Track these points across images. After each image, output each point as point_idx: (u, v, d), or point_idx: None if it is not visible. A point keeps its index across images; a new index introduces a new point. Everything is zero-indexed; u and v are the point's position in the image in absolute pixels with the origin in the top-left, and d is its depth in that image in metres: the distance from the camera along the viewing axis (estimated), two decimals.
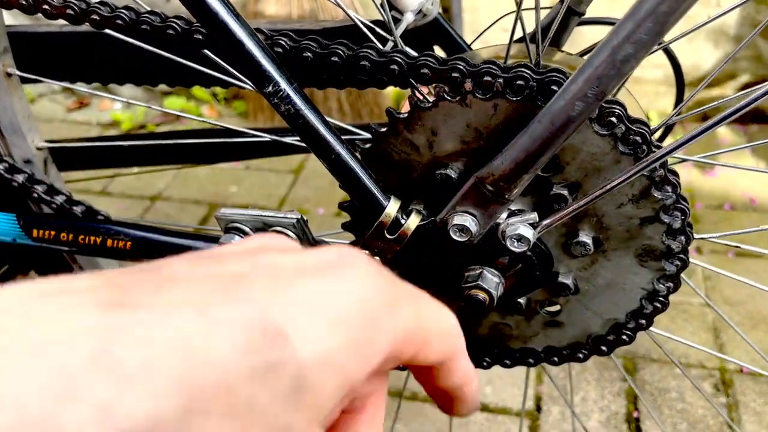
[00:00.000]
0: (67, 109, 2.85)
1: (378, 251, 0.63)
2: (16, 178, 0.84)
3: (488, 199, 0.57)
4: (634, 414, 1.51)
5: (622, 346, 0.71)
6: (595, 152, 0.58)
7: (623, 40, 0.43)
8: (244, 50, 0.57)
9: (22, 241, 0.86)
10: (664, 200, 0.59)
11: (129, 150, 0.99)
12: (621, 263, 0.64)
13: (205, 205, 2.25)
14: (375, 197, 0.61)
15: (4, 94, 0.86)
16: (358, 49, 0.62)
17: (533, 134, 0.51)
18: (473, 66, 0.58)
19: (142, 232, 0.78)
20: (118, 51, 0.90)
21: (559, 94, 0.49)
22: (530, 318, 0.72)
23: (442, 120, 0.60)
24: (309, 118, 0.58)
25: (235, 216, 0.67)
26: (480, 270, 0.62)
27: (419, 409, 1.56)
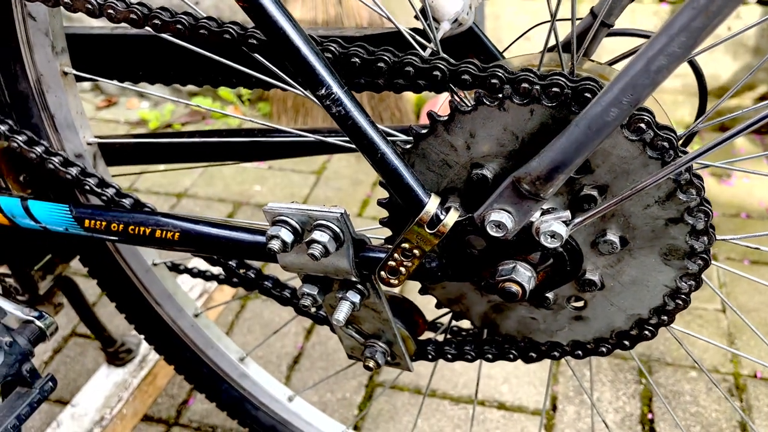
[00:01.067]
0: (96, 107, 2.92)
1: (416, 245, 0.67)
2: (70, 170, 0.89)
3: (524, 198, 0.61)
4: (649, 415, 1.54)
5: (644, 341, 0.75)
6: (624, 156, 0.62)
7: (658, 52, 0.47)
8: (301, 55, 0.62)
9: (73, 231, 0.91)
10: (688, 202, 0.63)
11: (172, 147, 1.04)
12: (646, 261, 0.68)
13: (230, 203, 2.30)
14: (417, 194, 0.65)
15: (60, 92, 0.91)
16: (403, 56, 0.66)
17: (570, 137, 0.55)
18: (512, 73, 0.62)
19: (190, 224, 0.82)
20: (166, 53, 0.95)
21: (596, 100, 0.53)
22: (557, 312, 0.76)
23: (481, 123, 0.64)
24: (358, 120, 0.63)
25: (282, 210, 0.71)
26: (514, 264, 0.66)
27: (437, 405, 1.60)
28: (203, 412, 1.61)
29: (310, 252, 0.69)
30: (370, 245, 0.74)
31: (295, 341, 1.78)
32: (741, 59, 2.35)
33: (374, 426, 1.56)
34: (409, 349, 0.86)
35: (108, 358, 1.59)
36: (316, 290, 0.77)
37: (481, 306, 0.79)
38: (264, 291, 0.94)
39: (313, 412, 1.20)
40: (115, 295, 1.13)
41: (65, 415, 1.51)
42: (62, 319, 1.87)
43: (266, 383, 1.19)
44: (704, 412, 1.54)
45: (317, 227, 0.70)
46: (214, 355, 1.16)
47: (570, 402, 1.59)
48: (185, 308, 1.12)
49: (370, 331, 0.84)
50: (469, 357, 0.85)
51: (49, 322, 0.97)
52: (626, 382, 1.62)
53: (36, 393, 0.94)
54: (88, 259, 1.09)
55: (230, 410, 1.21)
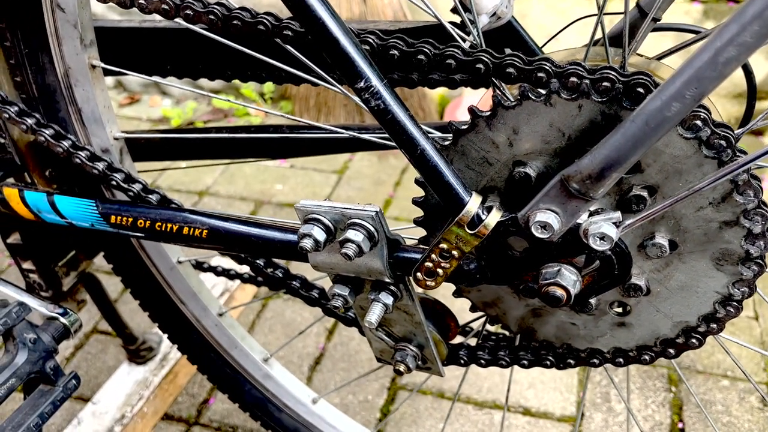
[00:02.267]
0: (118, 104, 2.92)
1: (455, 245, 0.65)
2: (97, 165, 0.88)
3: (572, 197, 0.58)
4: (679, 425, 1.50)
5: (690, 350, 0.71)
6: (678, 155, 0.59)
7: (727, 42, 0.44)
8: (339, 47, 0.59)
9: (99, 227, 0.89)
10: (745, 204, 0.59)
11: (199, 142, 1.02)
12: (696, 266, 0.65)
13: (251, 202, 2.29)
14: (457, 193, 0.62)
15: (88, 85, 0.89)
16: (444, 48, 0.63)
17: (626, 133, 0.52)
18: (559, 67, 0.59)
19: (218, 221, 0.80)
20: (195, 46, 0.93)
21: (655, 95, 0.50)
22: (598, 318, 0.72)
23: (525, 119, 0.62)
24: (398, 114, 0.60)
25: (314, 208, 0.69)
26: (558, 267, 0.63)
27: (461, 409, 1.57)
28: (224, 412, 1.59)
29: (344, 251, 0.66)
30: (404, 245, 0.71)
31: (316, 342, 1.76)
32: None
33: (396, 430, 1.54)
34: (441, 353, 0.84)
35: (129, 355, 1.58)
36: (347, 291, 0.74)
37: (518, 310, 0.76)
38: (292, 291, 0.91)
39: (337, 415, 1.18)
40: (139, 293, 1.11)
41: (86, 413, 1.50)
42: (84, 316, 1.87)
43: (290, 385, 1.16)
44: (737, 422, 1.50)
45: (351, 226, 0.67)
46: (237, 355, 1.14)
47: (597, 409, 1.55)
48: (210, 307, 1.10)
49: (400, 334, 0.82)
50: (504, 363, 0.82)
51: (73, 320, 0.96)
52: (655, 390, 1.58)
53: (59, 391, 0.93)
54: (112, 255, 1.07)
55: (253, 411, 1.19)
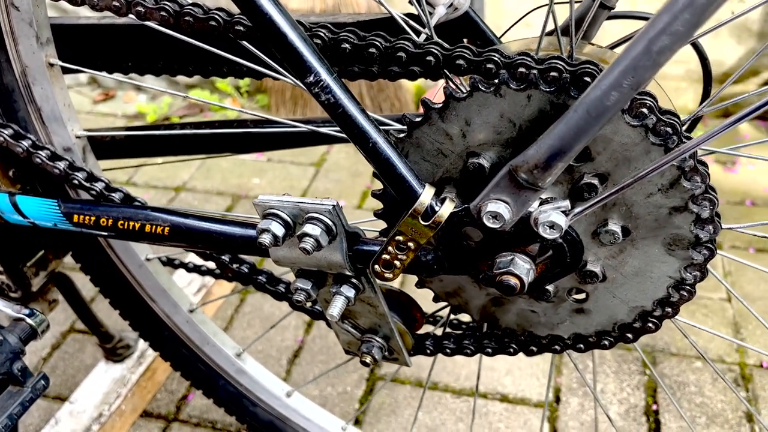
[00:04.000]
0: (93, 101, 2.90)
1: (411, 237, 0.65)
2: (58, 165, 0.87)
3: (522, 187, 0.58)
4: (653, 407, 1.52)
5: (647, 334, 0.72)
6: (626, 143, 0.59)
7: (660, 31, 0.45)
8: (287, 41, 0.59)
9: (62, 227, 0.89)
10: (693, 190, 0.60)
11: (164, 139, 1.02)
12: (649, 252, 0.66)
13: (228, 197, 2.28)
14: (410, 185, 0.63)
15: (47, 84, 0.88)
16: (395, 41, 0.64)
17: (569, 123, 0.53)
18: (508, 57, 0.60)
19: (180, 217, 0.80)
20: (154, 43, 0.92)
21: (595, 84, 0.50)
22: (558, 305, 0.73)
23: (476, 110, 0.62)
24: (348, 108, 0.61)
25: (272, 202, 0.69)
26: (512, 256, 0.64)
27: (439, 398, 1.58)
28: (203, 408, 1.60)
29: (302, 246, 0.66)
30: (364, 238, 0.72)
31: (295, 335, 1.77)
32: (745, 44, 2.32)
33: (375, 420, 1.55)
34: (407, 343, 0.84)
35: (106, 354, 1.57)
36: (309, 285, 0.75)
37: (479, 299, 0.77)
38: (258, 286, 0.92)
39: (311, 407, 1.19)
40: (109, 292, 1.11)
41: (63, 412, 1.49)
42: (60, 315, 1.86)
43: (264, 379, 1.17)
44: (710, 403, 1.52)
45: (309, 220, 0.68)
46: (210, 351, 1.14)
47: (573, 394, 1.57)
48: (180, 304, 1.10)
49: (366, 325, 0.82)
50: (468, 351, 0.83)
51: (40, 320, 0.95)
52: (630, 373, 1.60)
53: (28, 392, 0.92)
54: (80, 255, 1.07)
55: (228, 406, 1.19)
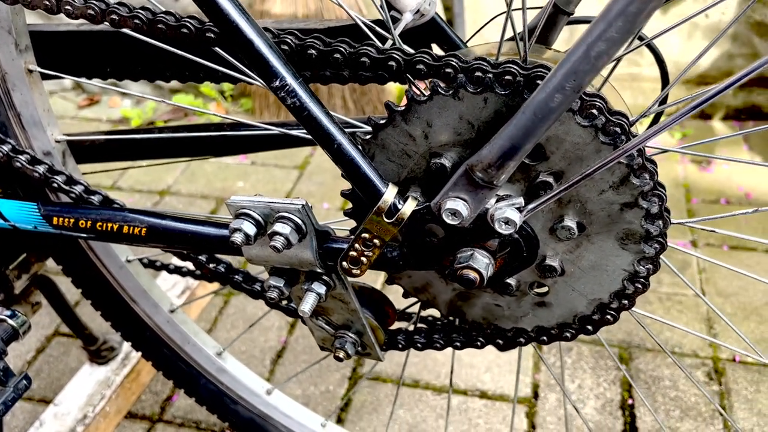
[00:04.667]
0: (77, 106, 2.91)
1: (376, 234, 0.68)
2: (37, 169, 0.89)
3: (478, 186, 0.61)
4: (629, 401, 1.56)
5: (606, 326, 0.76)
6: (577, 142, 0.62)
7: (597, 38, 0.48)
8: (253, 48, 0.62)
9: (42, 229, 0.91)
10: (642, 187, 0.64)
11: (143, 143, 1.04)
12: (603, 246, 0.69)
13: (212, 200, 2.30)
14: (374, 184, 0.66)
15: (26, 89, 0.91)
16: (359, 47, 0.67)
17: (518, 124, 0.56)
18: (465, 62, 0.63)
19: (156, 219, 0.82)
20: (132, 49, 0.95)
21: (541, 87, 0.53)
22: (520, 299, 0.76)
23: (437, 113, 0.65)
24: (313, 111, 0.63)
25: (244, 202, 0.72)
26: (472, 251, 0.67)
27: (420, 395, 1.61)
28: (187, 408, 1.62)
29: (272, 244, 0.69)
30: (334, 236, 0.75)
31: (278, 335, 1.79)
32: (720, 46, 2.37)
33: (358, 418, 1.57)
34: (379, 338, 0.87)
35: (90, 356, 1.59)
36: (282, 282, 0.77)
37: (446, 294, 0.80)
38: (235, 285, 0.94)
39: (291, 404, 1.21)
40: (90, 293, 1.13)
41: (48, 414, 1.51)
42: (45, 319, 1.87)
43: (244, 377, 1.19)
44: (684, 396, 1.56)
45: (279, 219, 0.70)
46: (191, 350, 1.16)
47: (551, 390, 1.60)
48: (161, 304, 1.13)
49: (339, 322, 0.85)
50: (438, 345, 0.86)
51: (21, 321, 0.97)
52: (607, 368, 1.64)
53: (10, 392, 0.94)
54: (61, 257, 1.09)
55: (209, 405, 1.22)
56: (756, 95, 2.42)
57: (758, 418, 1.49)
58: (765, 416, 1.49)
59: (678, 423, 1.50)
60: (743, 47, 2.36)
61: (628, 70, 2.45)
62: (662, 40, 2.39)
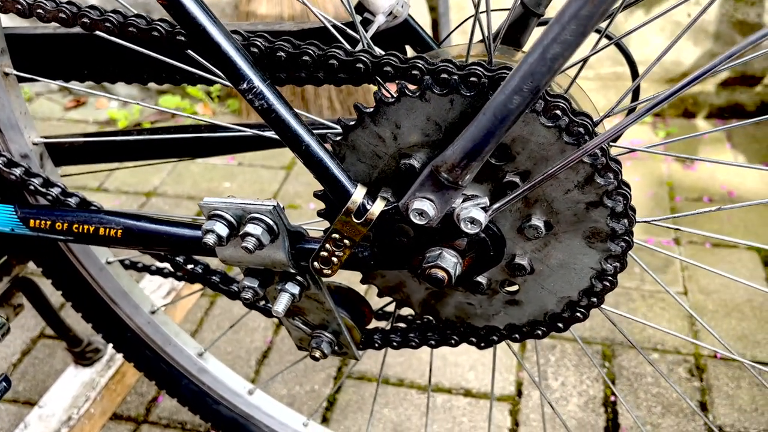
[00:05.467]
0: (64, 107, 2.90)
1: (346, 234, 0.69)
2: (14, 171, 0.90)
3: (443, 186, 0.62)
4: (611, 398, 1.57)
5: (577, 323, 0.77)
6: (542, 143, 0.63)
7: (552, 40, 0.49)
8: (221, 51, 0.63)
9: (20, 231, 0.91)
10: (606, 186, 0.65)
11: (121, 145, 1.04)
12: (571, 245, 0.70)
13: (199, 201, 2.31)
14: (343, 185, 0.66)
15: (2, 93, 0.91)
16: (327, 49, 0.67)
17: (479, 126, 0.57)
18: (432, 64, 0.64)
19: (132, 220, 0.83)
20: (109, 51, 0.95)
21: (500, 89, 0.54)
22: (492, 297, 0.77)
23: (405, 114, 0.66)
24: (281, 113, 0.64)
25: (216, 204, 0.72)
26: (440, 251, 0.67)
27: (405, 394, 1.62)
28: (172, 409, 1.62)
29: (244, 245, 0.70)
30: (307, 237, 0.75)
31: (264, 336, 1.79)
32: (702, 45, 2.38)
33: (342, 417, 1.58)
34: (355, 338, 0.88)
35: (75, 358, 1.59)
36: (256, 283, 0.78)
37: (419, 293, 0.81)
38: (212, 286, 0.95)
39: (273, 404, 1.22)
40: (71, 295, 1.13)
41: (32, 416, 1.51)
42: (31, 321, 1.87)
43: (226, 377, 1.20)
44: (665, 393, 1.57)
45: (251, 220, 0.71)
46: (172, 351, 1.16)
47: (535, 387, 1.61)
48: (141, 305, 1.13)
49: (316, 321, 0.86)
50: (414, 344, 0.87)
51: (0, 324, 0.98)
52: (590, 366, 1.65)
53: None
54: (41, 259, 1.09)
55: (191, 405, 1.22)
56: (739, 93, 2.44)
57: (739, 414, 1.51)
58: (745, 412, 1.51)
59: (660, 419, 1.51)
60: (726, 46, 2.38)
61: (612, 69, 2.46)
62: (645, 40, 2.40)
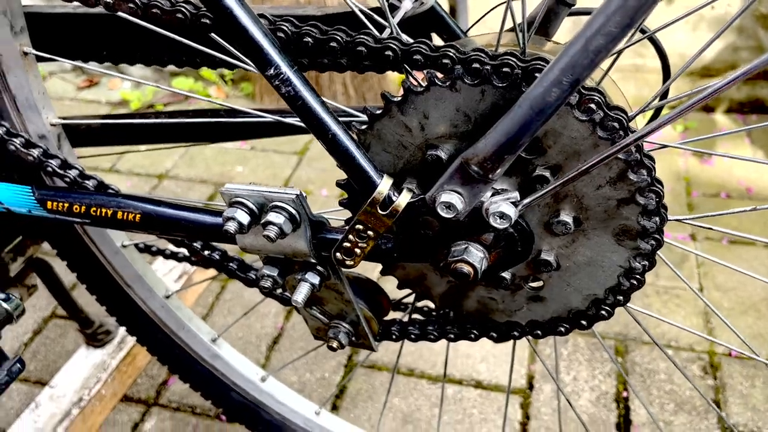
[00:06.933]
0: (77, 87, 2.89)
1: (370, 226, 0.67)
2: (32, 152, 0.89)
3: (473, 179, 0.61)
4: (623, 394, 1.56)
5: (601, 321, 0.75)
6: (575, 137, 0.62)
7: (595, 32, 0.47)
8: (248, 35, 0.61)
9: (37, 213, 0.90)
10: (639, 183, 0.63)
11: (139, 128, 1.03)
12: (600, 242, 0.68)
13: (211, 185, 2.30)
14: (369, 175, 0.65)
15: (20, 72, 0.90)
16: (356, 36, 0.66)
17: (514, 118, 0.55)
18: (463, 53, 0.62)
19: (151, 205, 0.82)
20: (129, 32, 0.94)
21: (538, 81, 0.52)
22: (515, 293, 0.76)
23: (434, 104, 0.64)
24: (308, 100, 0.62)
25: (238, 191, 0.71)
26: (466, 245, 0.66)
27: (415, 384, 1.61)
28: (183, 392, 1.62)
29: (266, 233, 0.68)
30: (328, 227, 0.74)
31: (275, 322, 1.79)
32: (725, 38, 2.35)
33: (353, 405, 1.58)
34: (373, 329, 0.87)
35: (86, 339, 1.59)
36: (276, 272, 0.77)
37: (441, 287, 0.79)
38: (229, 273, 0.94)
39: (285, 391, 1.21)
40: (85, 277, 1.12)
41: (43, 396, 1.51)
42: (42, 302, 1.87)
43: (239, 364, 1.19)
44: (678, 390, 1.56)
45: (273, 209, 0.70)
46: (185, 336, 1.16)
47: (546, 381, 1.60)
48: (155, 290, 1.12)
49: (334, 311, 0.85)
50: (432, 337, 0.86)
51: (15, 305, 0.97)
52: (602, 361, 1.64)
53: (3, 375, 0.94)
54: (56, 241, 1.08)
55: (203, 391, 1.22)
56: (760, 89, 2.41)
57: (752, 413, 1.49)
58: (759, 411, 1.50)
59: (672, 416, 1.50)
60: (749, 40, 2.34)
61: (632, 61, 2.43)
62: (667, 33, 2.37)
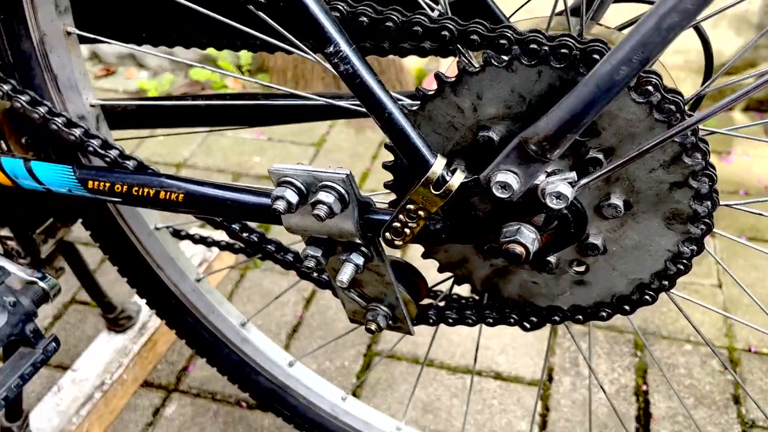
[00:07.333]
0: (94, 76, 2.90)
1: (422, 206, 0.68)
2: (74, 131, 0.89)
3: (531, 159, 0.61)
4: (643, 387, 1.56)
5: (644, 306, 0.75)
6: (631, 119, 0.62)
7: (670, 9, 0.47)
8: (309, 12, 0.61)
9: (77, 192, 0.91)
10: (693, 166, 0.63)
11: (175, 110, 1.04)
12: (649, 226, 0.68)
13: (229, 174, 2.30)
14: (423, 155, 0.65)
15: (63, 52, 0.90)
16: (411, 15, 0.66)
17: (579, 96, 0.55)
18: (520, 34, 0.62)
19: (194, 185, 0.82)
20: (171, 13, 0.94)
21: (606, 59, 0.53)
22: (559, 277, 0.76)
23: (488, 84, 0.64)
24: (366, 79, 0.63)
25: (287, 171, 0.71)
26: (518, 226, 0.66)
27: (435, 374, 1.62)
28: (203, 379, 1.63)
29: (315, 212, 0.69)
30: (374, 207, 0.74)
31: (294, 310, 1.80)
32: (744, 35, 2.34)
33: (372, 394, 1.58)
34: (411, 312, 0.87)
35: (108, 324, 1.60)
36: (319, 252, 0.77)
37: (483, 270, 0.80)
38: (267, 255, 0.94)
39: (313, 377, 1.22)
40: (118, 259, 1.13)
41: (66, 380, 1.52)
42: (63, 286, 1.87)
43: (267, 348, 1.20)
44: (698, 385, 1.56)
45: (322, 188, 0.70)
46: (215, 320, 1.16)
47: (566, 373, 1.61)
48: (187, 273, 1.13)
49: (372, 294, 0.85)
50: (470, 321, 0.86)
51: (52, 284, 0.98)
52: (622, 354, 1.64)
53: (39, 353, 0.95)
54: (90, 222, 1.09)
55: (231, 375, 1.22)
56: None
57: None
58: None
59: (692, 411, 1.50)
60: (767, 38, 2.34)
61: None
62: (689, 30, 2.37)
